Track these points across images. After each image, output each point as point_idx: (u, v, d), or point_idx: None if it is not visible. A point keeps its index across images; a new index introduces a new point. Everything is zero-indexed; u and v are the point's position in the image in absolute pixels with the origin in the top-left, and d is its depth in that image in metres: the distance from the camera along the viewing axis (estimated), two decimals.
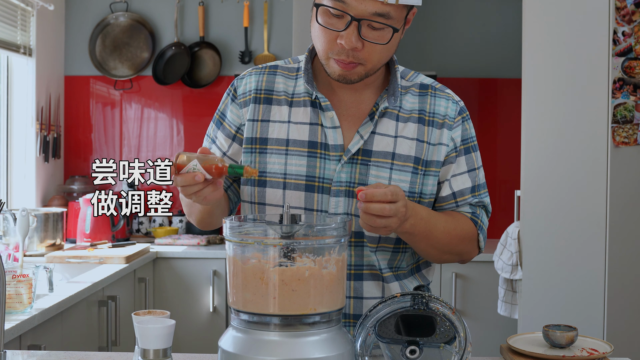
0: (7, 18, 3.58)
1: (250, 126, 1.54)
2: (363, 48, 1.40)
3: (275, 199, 1.51)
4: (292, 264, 1.24)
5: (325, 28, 1.40)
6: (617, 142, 2.95)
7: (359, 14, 1.37)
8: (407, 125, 1.52)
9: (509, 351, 1.63)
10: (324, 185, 1.50)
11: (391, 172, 1.50)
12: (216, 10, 4.25)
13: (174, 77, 4.20)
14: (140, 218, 4.16)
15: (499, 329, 3.66)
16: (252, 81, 1.56)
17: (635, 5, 2.92)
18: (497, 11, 4.27)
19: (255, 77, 1.57)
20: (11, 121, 3.82)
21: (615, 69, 2.94)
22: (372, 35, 1.40)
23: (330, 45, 1.41)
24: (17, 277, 2.20)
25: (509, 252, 3.19)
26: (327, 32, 1.41)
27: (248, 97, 1.55)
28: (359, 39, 1.39)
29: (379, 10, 1.37)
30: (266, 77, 1.56)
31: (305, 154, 1.50)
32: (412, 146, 1.51)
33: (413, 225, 1.42)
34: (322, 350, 1.24)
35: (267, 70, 1.57)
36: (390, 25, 1.39)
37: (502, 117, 4.28)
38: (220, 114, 1.60)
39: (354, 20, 1.37)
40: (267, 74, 1.56)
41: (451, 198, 1.57)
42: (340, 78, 1.45)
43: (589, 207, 2.97)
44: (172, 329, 1.16)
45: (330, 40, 1.41)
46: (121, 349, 3.22)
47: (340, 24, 1.39)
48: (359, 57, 1.41)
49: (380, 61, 1.45)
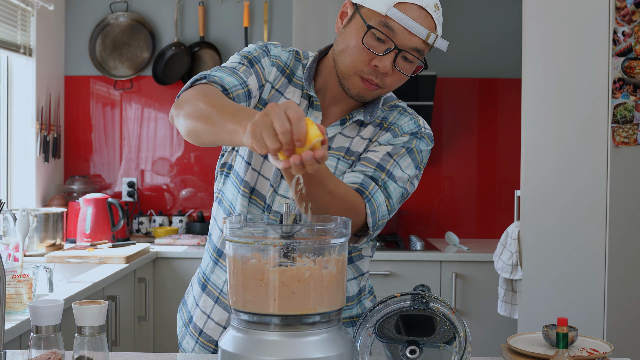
0: (7, 18, 3.58)
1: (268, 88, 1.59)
2: (391, 75, 1.50)
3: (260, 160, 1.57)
4: (292, 264, 1.24)
5: (366, 48, 1.47)
6: (617, 142, 2.95)
7: (402, 46, 1.46)
8: (367, 128, 1.60)
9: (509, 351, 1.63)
10: None
11: (338, 162, 1.57)
12: (216, 10, 4.25)
13: (174, 77, 4.20)
14: (140, 218, 4.16)
15: (499, 329, 3.66)
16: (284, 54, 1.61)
17: (635, 5, 2.92)
18: (497, 11, 4.27)
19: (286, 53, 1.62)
20: (11, 121, 3.82)
21: (615, 69, 2.94)
22: (403, 66, 1.50)
23: (363, 65, 1.49)
24: (17, 277, 2.20)
25: (509, 252, 3.20)
26: (366, 52, 1.48)
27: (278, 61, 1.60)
28: (393, 66, 1.48)
29: (418, 47, 1.48)
30: (294, 61, 1.62)
31: None
32: (364, 144, 1.59)
33: None
34: (322, 350, 1.24)
35: (294, 55, 1.63)
36: (420, 60, 1.50)
37: (502, 117, 4.28)
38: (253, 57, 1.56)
39: (397, 49, 1.46)
40: (294, 59, 1.62)
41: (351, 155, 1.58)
42: (359, 96, 1.53)
43: (589, 207, 2.97)
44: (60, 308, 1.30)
45: (365, 60, 1.48)
46: (121, 349, 3.22)
47: (381, 48, 1.47)
48: (384, 82, 1.51)
49: (395, 87, 1.55)
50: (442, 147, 4.30)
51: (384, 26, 1.45)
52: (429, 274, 3.68)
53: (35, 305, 1.29)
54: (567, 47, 2.99)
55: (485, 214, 4.30)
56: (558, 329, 1.33)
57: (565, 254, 3.00)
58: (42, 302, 1.30)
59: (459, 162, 4.31)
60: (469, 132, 4.30)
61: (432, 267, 3.69)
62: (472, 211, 4.31)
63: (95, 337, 1.30)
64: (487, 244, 4.02)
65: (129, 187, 4.24)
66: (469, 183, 4.31)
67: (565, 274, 3.00)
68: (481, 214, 4.30)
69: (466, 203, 4.31)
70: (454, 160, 4.31)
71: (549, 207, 3.02)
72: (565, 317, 2.72)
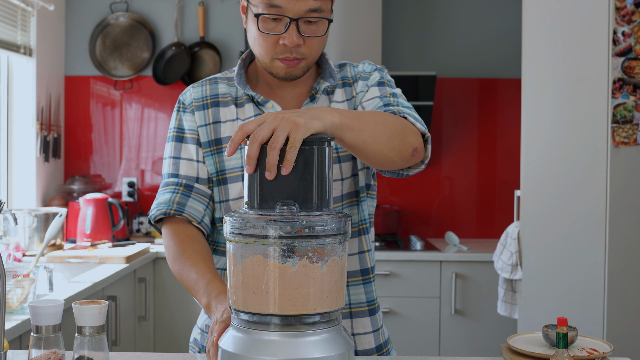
0: (7, 18, 3.58)
1: (204, 131, 1.61)
2: (304, 44, 1.52)
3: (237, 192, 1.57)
4: (292, 264, 1.24)
5: (267, 34, 1.51)
6: (617, 142, 2.95)
7: (296, 14, 1.48)
8: (335, 93, 1.64)
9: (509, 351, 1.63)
10: None
11: None
12: (216, 10, 4.25)
13: (174, 77, 4.20)
14: (140, 218, 4.16)
15: (499, 329, 3.66)
16: (196, 91, 1.65)
17: (635, 5, 2.92)
18: (497, 11, 4.27)
19: (198, 88, 1.65)
20: (11, 121, 3.82)
21: (615, 69, 2.94)
22: (310, 30, 1.51)
23: (274, 48, 1.52)
24: (17, 277, 2.20)
25: (509, 252, 3.20)
26: (268, 37, 1.51)
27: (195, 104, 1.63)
28: (300, 36, 1.50)
29: (312, 7, 1.49)
30: (209, 86, 1.65)
31: None
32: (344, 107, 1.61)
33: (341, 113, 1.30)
34: (322, 350, 1.24)
35: (208, 82, 1.67)
36: (324, 17, 1.51)
37: (502, 117, 4.28)
38: (177, 130, 1.64)
39: (293, 20, 1.48)
40: (209, 84, 1.66)
41: None
42: (287, 75, 1.55)
43: (588, 207, 2.97)
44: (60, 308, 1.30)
45: (273, 43, 1.52)
46: (121, 349, 3.22)
47: (280, 26, 1.50)
48: (301, 53, 1.52)
49: (318, 52, 1.57)
50: (442, 147, 4.30)
51: (270, 6, 1.48)
52: (428, 274, 3.68)
53: (35, 305, 1.29)
54: (567, 47, 2.99)
55: (485, 214, 4.30)
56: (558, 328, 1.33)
57: (565, 254, 3.00)
58: (42, 302, 1.30)
59: (459, 162, 4.31)
60: (468, 132, 4.30)
61: (432, 267, 3.69)
62: (472, 211, 4.31)
63: (95, 337, 1.30)
64: (487, 244, 4.02)
65: (129, 187, 4.24)
66: (468, 183, 4.31)
67: (565, 274, 3.00)
68: (481, 214, 4.30)
69: (466, 203, 4.31)
70: (454, 160, 4.31)
71: (549, 207, 3.02)
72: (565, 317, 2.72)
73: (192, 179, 1.59)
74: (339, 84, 1.66)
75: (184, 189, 1.57)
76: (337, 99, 1.64)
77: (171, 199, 1.56)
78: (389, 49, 4.27)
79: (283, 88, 1.63)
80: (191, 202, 1.56)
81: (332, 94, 1.64)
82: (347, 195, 1.61)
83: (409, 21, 4.29)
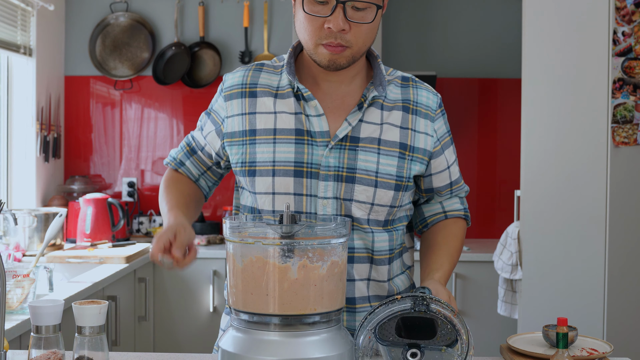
0: (7, 18, 3.58)
1: (240, 120, 1.59)
2: (350, 30, 1.47)
3: (265, 186, 1.55)
4: (292, 264, 1.24)
5: (312, 16, 1.47)
6: (617, 142, 2.95)
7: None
8: (392, 113, 1.58)
9: (509, 351, 1.63)
10: (312, 170, 1.53)
11: (379, 157, 1.54)
12: (216, 10, 4.25)
13: (174, 77, 4.20)
14: (140, 218, 4.16)
15: (499, 329, 3.66)
16: (238, 77, 1.63)
17: (635, 5, 2.92)
18: (497, 11, 4.27)
19: (241, 73, 1.63)
20: (11, 121, 3.82)
21: (615, 69, 2.94)
22: (358, 16, 1.46)
23: (319, 32, 1.48)
24: (17, 277, 2.20)
25: (508, 252, 3.20)
26: (314, 19, 1.47)
27: (234, 90, 1.62)
28: (346, 21, 1.45)
29: None
30: (252, 73, 1.63)
31: (293, 141, 1.54)
32: (397, 133, 1.57)
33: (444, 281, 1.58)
34: (322, 350, 1.24)
35: (253, 67, 1.64)
36: (373, 3, 1.47)
37: (502, 117, 4.28)
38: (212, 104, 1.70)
39: (339, 3, 1.44)
40: (253, 70, 1.63)
41: (447, 187, 1.70)
42: (330, 63, 1.50)
43: (588, 207, 2.97)
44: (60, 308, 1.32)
45: (318, 27, 1.47)
46: (121, 349, 3.22)
47: (326, 9, 1.46)
48: (346, 39, 1.47)
49: (365, 43, 1.51)
50: None
51: None
52: None
53: (35, 305, 1.29)
54: (567, 47, 2.99)
55: (485, 214, 4.30)
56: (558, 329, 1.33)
57: (565, 253, 3.00)
58: (42, 302, 1.30)
59: (459, 162, 4.30)
60: (468, 132, 4.30)
61: None
62: (472, 211, 4.31)
63: (95, 337, 1.30)
64: (487, 244, 4.02)
65: (129, 187, 4.24)
66: (468, 183, 4.31)
67: (565, 274, 3.00)
68: (481, 214, 4.30)
69: None
70: None
71: (549, 207, 3.02)
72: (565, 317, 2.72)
73: (199, 147, 1.69)
74: (398, 105, 1.59)
75: (189, 150, 1.71)
76: (393, 122, 1.57)
77: (177, 154, 1.72)
78: (389, 49, 4.27)
79: (329, 82, 1.58)
80: (189, 163, 1.70)
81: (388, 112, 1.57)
82: None
83: (409, 21, 4.29)
